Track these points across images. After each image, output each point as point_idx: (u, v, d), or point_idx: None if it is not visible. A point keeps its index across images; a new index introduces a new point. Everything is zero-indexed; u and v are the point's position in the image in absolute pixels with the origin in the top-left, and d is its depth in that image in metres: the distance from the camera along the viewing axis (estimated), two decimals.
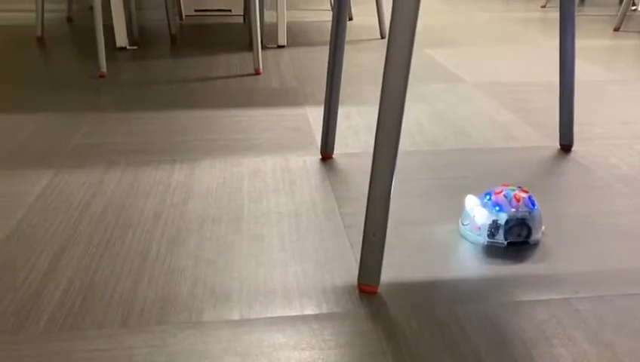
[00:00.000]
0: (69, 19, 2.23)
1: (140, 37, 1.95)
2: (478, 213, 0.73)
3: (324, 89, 1.40)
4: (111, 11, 1.72)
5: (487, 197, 0.74)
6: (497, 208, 0.72)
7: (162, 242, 0.73)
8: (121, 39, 1.74)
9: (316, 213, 0.81)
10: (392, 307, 0.62)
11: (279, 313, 0.61)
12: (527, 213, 0.72)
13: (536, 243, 0.73)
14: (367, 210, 0.62)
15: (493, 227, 0.72)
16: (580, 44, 1.93)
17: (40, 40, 1.87)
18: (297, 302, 0.62)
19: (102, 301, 0.62)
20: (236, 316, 0.60)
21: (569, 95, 1.01)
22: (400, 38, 0.57)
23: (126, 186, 0.88)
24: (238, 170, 0.95)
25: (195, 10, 2.35)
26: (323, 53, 1.76)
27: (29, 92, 1.36)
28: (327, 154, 1.00)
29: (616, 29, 2.17)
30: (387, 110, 0.59)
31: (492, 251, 0.72)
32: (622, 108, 1.28)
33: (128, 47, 1.76)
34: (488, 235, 0.73)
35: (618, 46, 1.90)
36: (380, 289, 0.64)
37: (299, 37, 1.99)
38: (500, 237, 0.72)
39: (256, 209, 0.82)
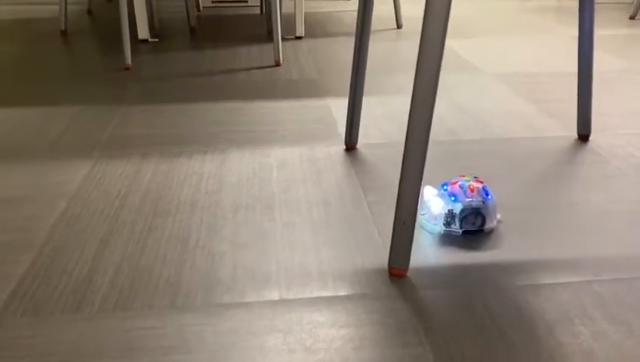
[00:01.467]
0: (89, 12, 2.27)
1: (160, 29, 1.99)
2: (434, 203, 0.76)
3: (344, 80, 1.43)
4: (130, 4, 1.76)
5: (444, 187, 0.77)
6: (453, 198, 0.76)
7: (201, 229, 0.77)
8: (143, 32, 1.78)
9: (344, 201, 0.85)
10: (420, 289, 0.66)
11: (315, 294, 0.65)
12: (481, 203, 0.75)
13: (490, 231, 0.77)
14: (398, 199, 0.66)
15: (449, 216, 0.75)
16: (596, 33, 1.94)
17: (64, 33, 1.91)
18: (332, 284, 0.66)
19: (150, 283, 0.66)
20: (276, 296, 0.64)
21: (587, 85, 1.03)
22: (433, 29, 0.60)
23: (162, 176, 0.92)
24: (267, 160, 0.99)
25: (213, 2, 2.38)
26: (341, 44, 1.79)
27: (58, 85, 1.40)
28: (351, 144, 1.03)
29: (632, 17, 2.17)
30: (419, 101, 0.62)
31: (510, 237, 0.76)
32: (639, 98, 1.30)
33: (150, 40, 1.80)
34: (444, 224, 0.76)
35: (634, 35, 1.90)
36: (408, 273, 0.68)
37: (315, 28, 2.02)
38: (456, 226, 0.76)
39: (287, 197, 0.86)
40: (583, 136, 1.07)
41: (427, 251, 0.73)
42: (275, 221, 0.79)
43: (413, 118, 0.63)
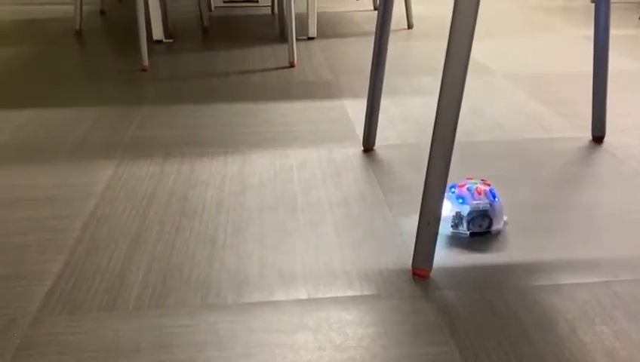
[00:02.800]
0: (102, 12, 2.29)
1: (173, 29, 2.01)
2: (442, 206, 0.78)
3: (359, 81, 1.45)
4: (145, 5, 1.78)
5: (452, 190, 0.79)
6: (460, 200, 0.77)
7: (227, 229, 0.79)
8: (158, 32, 1.80)
9: (365, 202, 0.87)
10: (444, 288, 0.67)
11: (342, 293, 0.67)
12: (488, 205, 0.77)
13: (497, 233, 0.78)
14: (422, 200, 0.68)
15: (457, 218, 0.77)
16: None
17: (78, 33, 1.94)
18: (357, 284, 0.68)
19: (181, 282, 0.69)
20: (303, 295, 0.66)
21: (602, 86, 1.05)
22: (461, 30, 0.62)
23: (185, 177, 0.94)
24: (286, 161, 1.01)
25: (224, 2, 2.40)
26: (352, 45, 1.80)
27: (77, 86, 1.43)
28: (368, 146, 1.05)
29: None
30: (446, 102, 0.64)
31: (525, 238, 0.77)
32: None
33: (164, 41, 1.82)
34: (452, 226, 0.78)
35: None
36: (431, 273, 0.70)
37: (326, 28, 2.04)
38: (463, 228, 0.77)
39: (308, 198, 0.88)
40: (598, 138, 1.08)
41: (441, 252, 0.74)
42: (298, 221, 0.81)
43: (440, 119, 0.65)
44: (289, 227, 0.80)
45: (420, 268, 0.70)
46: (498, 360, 0.57)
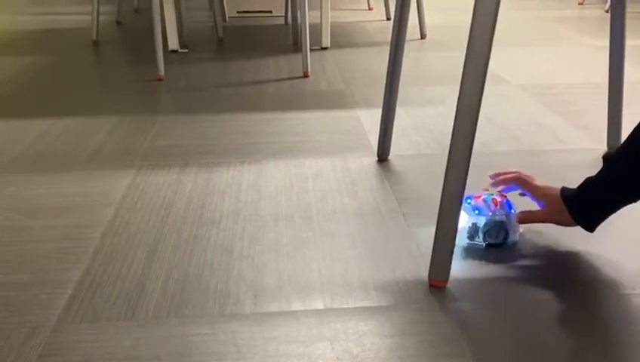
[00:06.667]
0: (118, 23, 2.33)
1: (188, 39, 2.03)
2: (459, 217, 0.78)
3: (372, 91, 1.45)
4: (161, 15, 1.80)
5: (468, 201, 0.79)
6: (477, 212, 0.77)
7: (244, 238, 0.80)
8: (173, 42, 1.83)
9: (380, 212, 0.87)
10: (461, 300, 0.68)
11: (359, 304, 0.67)
12: (504, 217, 0.77)
13: (513, 245, 0.78)
14: (439, 211, 0.68)
15: (473, 229, 0.77)
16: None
17: (95, 43, 1.97)
18: (374, 294, 0.69)
19: (199, 291, 0.69)
20: (320, 306, 0.67)
21: (617, 97, 1.04)
22: (479, 41, 0.63)
23: (202, 186, 0.95)
24: (302, 170, 1.01)
25: (238, 12, 2.43)
26: (366, 55, 1.81)
27: (94, 95, 1.45)
28: (383, 156, 1.05)
29: None
30: (463, 113, 0.65)
31: (543, 250, 0.77)
32: None
33: (180, 50, 1.84)
34: (468, 237, 0.78)
35: None
36: (447, 284, 0.70)
37: (339, 38, 2.05)
38: (479, 239, 0.77)
39: (324, 208, 0.88)
40: (614, 149, 1.08)
41: (457, 264, 0.74)
42: (314, 231, 0.82)
43: (457, 130, 0.65)
44: (305, 237, 0.81)
45: (437, 279, 0.70)
46: None
